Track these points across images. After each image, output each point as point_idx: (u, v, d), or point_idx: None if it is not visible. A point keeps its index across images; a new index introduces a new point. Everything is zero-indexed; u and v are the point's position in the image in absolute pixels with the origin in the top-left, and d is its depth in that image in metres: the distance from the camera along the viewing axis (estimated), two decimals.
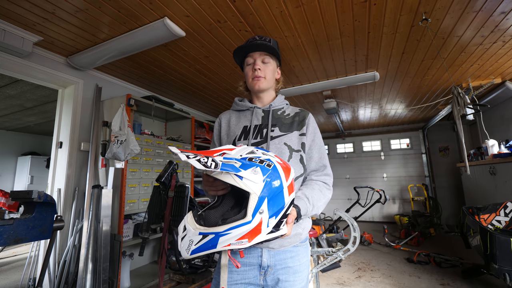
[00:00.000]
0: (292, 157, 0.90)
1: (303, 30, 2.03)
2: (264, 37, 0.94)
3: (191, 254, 0.57)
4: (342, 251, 2.02)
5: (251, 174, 0.57)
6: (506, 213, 2.44)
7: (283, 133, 0.92)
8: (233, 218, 0.58)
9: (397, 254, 3.47)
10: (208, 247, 0.56)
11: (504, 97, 3.58)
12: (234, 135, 0.94)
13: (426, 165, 5.67)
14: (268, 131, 0.91)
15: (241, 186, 0.56)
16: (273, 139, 0.91)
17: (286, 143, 0.91)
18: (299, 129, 0.95)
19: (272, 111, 0.97)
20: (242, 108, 1.00)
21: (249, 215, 0.57)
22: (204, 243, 0.56)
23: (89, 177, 2.31)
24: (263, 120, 0.95)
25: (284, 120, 0.96)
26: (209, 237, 0.56)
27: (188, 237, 0.58)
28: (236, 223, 0.56)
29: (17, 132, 5.66)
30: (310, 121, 0.98)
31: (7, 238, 0.90)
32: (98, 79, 2.69)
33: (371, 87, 3.40)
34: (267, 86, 0.96)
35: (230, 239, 0.56)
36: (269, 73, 0.95)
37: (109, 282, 2.09)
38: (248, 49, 0.93)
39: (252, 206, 0.57)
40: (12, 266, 3.46)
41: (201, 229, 0.57)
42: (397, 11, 1.82)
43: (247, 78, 0.96)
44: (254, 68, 0.92)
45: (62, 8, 1.70)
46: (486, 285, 2.46)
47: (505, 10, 1.85)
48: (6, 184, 5.44)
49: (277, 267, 0.83)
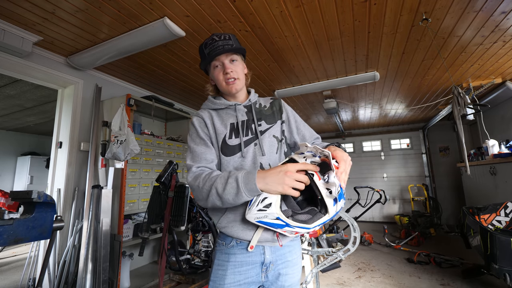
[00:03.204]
0: (279, 148, 0.91)
1: (303, 30, 2.03)
2: (222, 35, 0.90)
3: (258, 222, 0.70)
4: (342, 251, 2.01)
5: (341, 203, 0.71)
6: (506, 213, 2.44)
7: (270, 125, 0.93)
8: (318, 216, 0.70)
9: (397, 254, 3.47)
10: (274, 226, 0.70)
11: (505, 97, 3.58)
12: (222, 133, 0.90)
13: (426, 165, 5.67)
14: (256, 126, 0.91)
15: (328, 205, 0.68)
16: (263, 133, 0.91)
17: (274, 135, 0.92)
18: (280, 118, 0.96)
19: (253, 105, 0.97)
20: (221, 107, 0.95)
21: (331, 211, 0.69)
22: (274, 223, 0.69)
23: (89, 177, 2.31)
24: (248, 116, 0.94)
25: (265, 112, 0.97)
26: (280, 223, 0.69)
27: (266, 212, 0.68)
28: (322, 220, 0.70)
29: (16, 132, 5.66)
30: (285, 106, 1.01)
31: (6, 238, 0.90)
32: (98, 79, 2.69)
33: (371, 87, 3.40)
34: (242, 85, 0.94)
35: (294, 230, 0.71)
36: (240, 72, 0.92)
37: (109, 282, 2.09)
38: (214, 56, 0.88)
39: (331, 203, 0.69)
40: (11, 266, 3.45)
41: (289, 221, 0.69)
42: (397, 11, 1.82)
43: (219, 82, 0.91)
44: (226, 71, 0.88)
45: (62, 8, 1.70)
46: (486, 285, 2.46)
47: (505, 10, 1.85)
48: (6, 184, 5.43)
49: (278, 262, 0.85)
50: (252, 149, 0.88)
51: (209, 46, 0.88)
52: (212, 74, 0.93)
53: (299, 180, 0.67)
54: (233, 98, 0.97)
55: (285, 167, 0.69)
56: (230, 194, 0.72)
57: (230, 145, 0.88)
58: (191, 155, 0.87)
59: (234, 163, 0.86)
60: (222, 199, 0.74)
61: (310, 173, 0.67)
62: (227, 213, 0.84)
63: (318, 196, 0.67)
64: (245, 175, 0.72)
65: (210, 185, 0.76)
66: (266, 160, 0.87)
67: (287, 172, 0.67)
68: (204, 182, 0.77)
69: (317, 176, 0.67)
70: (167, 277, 2.43)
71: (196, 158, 0.86)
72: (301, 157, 0.72)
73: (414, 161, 5.81)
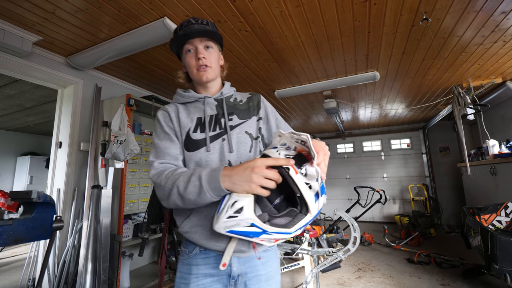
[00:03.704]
0: (253, 146, 0.83)
1: (303, 30, 2.03)
2: (200, 19, 0.83)
3: (229, 232, 0.59)
4: (342, 252, 2.01)
5: (323, 199, 0.62)
6: (507, 213, 2.44)
7: (242, 121, 0.85)
8: (299, 217, 0.60)
9: (397, 254, 3.47)
10: (248, 235, 0.58)
11: (505, 97, 3.58)
12: (186, 127, 0.82)
13: (426, 165, 5.66)
14: (226, 120, 0.83)
15: (309, 203, 0.59)
16: (233, 129, 0.83)
17: (247, 131, 0.84)
18: (256, 114, 0.89)
19: (225, 99, 0.88)
20: (190, 100, 0.88)
21: (313, 210, 0.59)
22: (248, 232, 0.58)
23: (89, 177, 2.31)
24: (218, 110, 0.86)
25: (239, 106, 0.89)
26: (256, 230, 0.58)
27: (237, 219, 0.58)
28: (303, 221, 0.59)
29: (16, 132, 5.66)
30: (264, 102, 0.93)
31: (6, 239, 0.90)
32: (98, 79, 2.69)
33: (371, 87, 3.40)
34: (215, 76, 0.87)
35: (272, 237, 0.60)
36: (214, 61, 0.85)
37: (108, 282, 2.09)
38: (187, 37, 0.81)
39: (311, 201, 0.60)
40: (11, 266, 3.45)
41: (266, 227, 0.58)
42: (397, 11, 1.82)
43: (190, 69, 0.84)
44: (198, 57, 0.81)
45: (62, 8, 1.70)
46: (486, 285, 2.45)
47: (505, 10, 1.84)
48: (6, 184, 5.43)
49: (248, 275, 0.75)
50: (219, 144, 0.80)
51: (184, 28, 0.81)
52: (184, 59, 0.85)
53: (268, 177, 0.59)
54: (204, 90, 0.89)
55: (253, 162, 0.61)
56: (192, 193, 0.65)
57: (194, 139, 0.80)
58: (155, 151, 0.80)
59: (196, 159, 0.78)
60: (184, 199, 0.67)
61: (285, 168, 0.58)
62: (192, 215, 0.76)
63: (297, 193, 0.58)
64: (209, 173, 0.65)
65: (172, 183, 0.68)
66: (236, 157, 0.79)
67: (254, 168, 0.59)
68: (166, 180, 0.69)
69: (293, 169, 0.58)
70: (167, 277, 2.43)
71: (159, 154, 0.79)
72: (274, 152, 0.64)
73: (414, 161, 5.81)
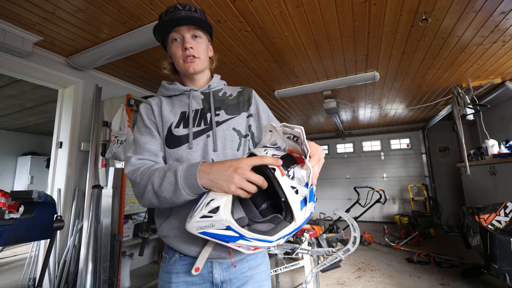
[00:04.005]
0: (241, 144, 0.77)
1: (303, 30, 2.03)
2: (188, 5, 0.77)
3: (202, 234, 0.53)
4: (342, 251, 2.02)
5: (310, 206, 0.56)
6: (506, 213, 2.44)
7: (230, 116, 0.79)
8: (282, 224, 0.54)
9: (397, 254, 3.47)
10: (224, 240, 0.52)
11: (504, 97, 3.58)
12: (169, 121, 0.76)
13: (426, 165, 5.67)
14: (212, 115, 0.77)
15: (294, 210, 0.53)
16: (220, 125, 0.77)
17: (235, 128, 0.77)
18: (246, 110, 0.82)
19: (213, 93, 0.83)
20: (175, 93, 0.82)
21: (298, 218, 0.54)
22: (223, 235, 0.52)
23: (89, 177, 2.31)
24: (204, 104, 0.80)
25: (228, 101, 0.83)
26: (232, 234, 0.52)
27: (212, 220, 0.52)
28: (287, 230, 0.53)
29: (17, 132, 5.66)
30: (256, 98, 0.87)
31: (7, 238, 0.90)
32: (98, 79, 2.69)
33: (371, 87, 3.40)
34: (203, 67, 0.81)
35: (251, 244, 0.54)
36: (203, 51, 0.79)
37: (109, 282, 2.09)
38: (173, 24, 0.74)
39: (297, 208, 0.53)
40: (12, 266, 3.45)
41: (244, 232, 0.52)
42: (397, 11, 1.82)
43: (176, 59, 0.78)
44: (185, 46, 0.75)
45: (62, 8, 1.70)
46: (486, 285, 2.46)
47: (505, 10, 1.85)
48: (6, 184, 5.43)
49: (233, 282, 0.70)
50: (203, 141, 0.74)
51: (169, 14, 0.75)
52: (170, 48, 0.79)
53: (251, 180, 0.54)
54: (191, 83, 0.84)
55: (237, 162, 0.56)
56: (167, 191, 0.59)
57: (176, 135, 0.75)
58: (134, 146, 0.75)
59: (177, 156, 0.72)
60: (159, 197, 0.61)
61: (270, 168, 0.54)
62: (171, 218, 0.71)
63: (281, 197, 0.53)
64: (186, 168, 0.59)
65: (147, 179, 0.63)
66: (221, 156, 0.74)
67: (238, 169, 0.54)
68: (141, 176, 0.64)
69: (279, 171, 0.53)
70: None
71: (138, 149, 0.73)
72: (262, 151, 0.59)
73: (414, 161, 5.81)
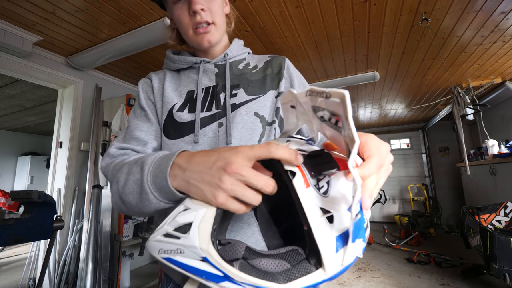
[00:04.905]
0: (264, 135, 0.56)
1: (303, 30, 2.03)
2: None
3: (166, 260, 0.30)
4: None
5: (356, 248, 0.29)
6: (506, 213, 2.44)
7: (252, 97, 0.58)
8: (302, 267, 0.29)
9: (397, 254, 3.47)
10: (199, 276, 0.29)
11: (504, 97, 3.58)
12: (170, 102, 0.58)
13: (426, 165, 5.67)
14: (227, 95, 0.57)
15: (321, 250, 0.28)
16: (237, 108, 0.56)
17: (258, 112, 0.57)
18: (274, 87, 0.60)
19: (231, 64, 0.63)
20: (182, 66, 0.63)
21: (329, 265, 0.28)
22: (198, 269, 0.29)
23: (89, 177, 2.31)
24: (218, 80, 0.60)
25: (250, 76, 0.61)
26: (212, 270, 0.29)
27: (179, 242, 0.29)
28: (308, 281, 0.28)
29: (17, 132, 5.66)
30: (290, 69, 0.63)
31: (7, 238, 0.91)
32: (98, 79, 2.69)
33: (371, 87, 3.40)
34: (221, 35, 0.60)
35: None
36: (218, 11, 0.58)
37: (109, 282, 2.09)
38: None
39: None
40: (12, 266, 3.45)
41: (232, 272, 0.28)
42: (397, 11, 1.82)
43: (183, 28, 0.58)
44: (193, 9, 0.54)
45: (62, 8, 1.70)
46: (486, 285, 2.46)
47: (505, 10, 1.85)
48: (6, 184, 5.43)
49: None
50: (213, 131, 0.55)
51: None
52: (172, 12, 0.59)
53: (252, 184, 0.30)
54: (204, 53, 0.64)
55: (229, 153, 0.32)
56: (132, 193, 0.41)
57: (178, 122, 0.56)
58: (124, 133, 0.59)
59: (177, 150, 0.48)
60: (124, 201, 0.43)
61: (288, 170, 0.31)
62: None
63: (304, 225, 0.30)
64: (158, 160, 0.39)
65: (113, 176, 0.46)
66: None
67: (228, 165, 0.31)
68: (112, 172, 0.47)
69: (301, 177, 0.31)
70: None
71: (126, 136, 0.57)
72: (284, 141, 0.36)
73: (414, 161, 5.81)
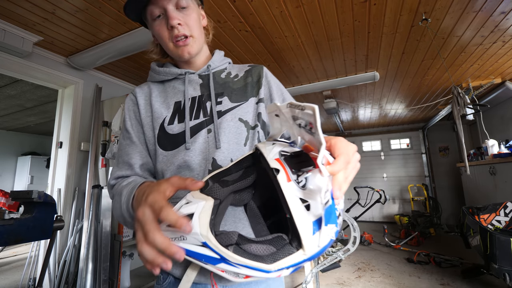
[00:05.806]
0: (249, 138, 0.61)
1: (303, 30, 2.03)
2: None
3: None
4: (342, 251, 2.02)
5: (329, 231, 0.34)
6: (506, 213, 2.44)
7: (236, 104, 0.63)
8: (286, 250, 0.36)
9: (397, 254, 3.47)
10: (199, 259, 0.36)
11: (504, 97, 3.58)
12: (160, 117, 0.62)
13: (426, 165, 5.67)
14: (213, 103, 0.62)
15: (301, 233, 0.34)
16: (223, 115, 0.61)
17: (242, 118, 0.62)
18: (255, 94, 0.66)
19: (214, 74, 0.67)
20: (167, 77, 0.67)
21: (308, 246, 0.34)
22: (198, 253, 0.36)
23: (89, 177, 2.31)
24: (203, 90, 0.64)
25: (233, 84, 0.66)
26: (210, 254, 0.35)
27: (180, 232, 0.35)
28: (291, 259, 0.35)
29: (17, 132, 5.66)
30: (268, 77, 0.69)
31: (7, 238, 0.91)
32: (98, 79, 2.69)
33: (371, 87, 3.40)
34: (200, 46, 0.65)
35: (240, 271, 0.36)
36: (195, 25, 0.61)
37: (109, 282, 2.09)
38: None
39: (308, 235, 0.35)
40: (12, 266, 3.46)
41: (226, 253, 0.35)
42: (397, 11, 1.82)
43: (164, 42, 0.61)
44: (170, 24, 0.57)
45: (62, 8, 1.70)
46: (486, 285, 2.46)
47: (505, 10, 1.85)
48: (6, 184, 5.43)
49: None
50: (203, 137, 0.60)
51: None
52: (152, 28, 0.63)
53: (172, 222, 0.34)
54: (187, 65, 0.68)
55: (152, 196, 0.37)
56: (123, 216, 0.50)
57: (171, 134, 0.60)
58: (116, 158, 0.64)
59: (178, 161, 0.58)
60: (119, 217, 0.53)
61: (274, 169, 0.38)
62: None
63: (286, 213, 0.36)
64: (129, 192, 0.49)
65: (112, 201, 0.56)
66: (225, 154, 0.58)
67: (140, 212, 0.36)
68: (113, 199, 0.56)
69: (284, 173, 0.38)
70: None
71: (119, 162, 0.62)
72: (269, 145, 0.43)
73: (414, 161, 5.81)
